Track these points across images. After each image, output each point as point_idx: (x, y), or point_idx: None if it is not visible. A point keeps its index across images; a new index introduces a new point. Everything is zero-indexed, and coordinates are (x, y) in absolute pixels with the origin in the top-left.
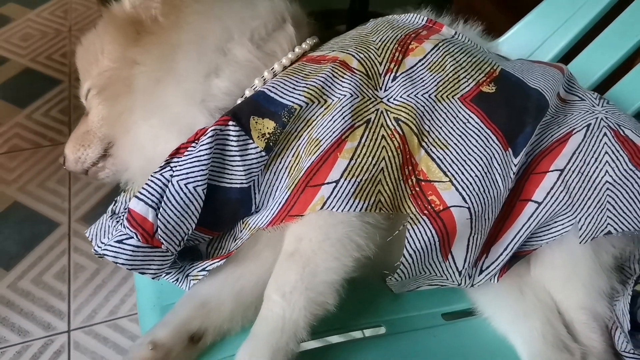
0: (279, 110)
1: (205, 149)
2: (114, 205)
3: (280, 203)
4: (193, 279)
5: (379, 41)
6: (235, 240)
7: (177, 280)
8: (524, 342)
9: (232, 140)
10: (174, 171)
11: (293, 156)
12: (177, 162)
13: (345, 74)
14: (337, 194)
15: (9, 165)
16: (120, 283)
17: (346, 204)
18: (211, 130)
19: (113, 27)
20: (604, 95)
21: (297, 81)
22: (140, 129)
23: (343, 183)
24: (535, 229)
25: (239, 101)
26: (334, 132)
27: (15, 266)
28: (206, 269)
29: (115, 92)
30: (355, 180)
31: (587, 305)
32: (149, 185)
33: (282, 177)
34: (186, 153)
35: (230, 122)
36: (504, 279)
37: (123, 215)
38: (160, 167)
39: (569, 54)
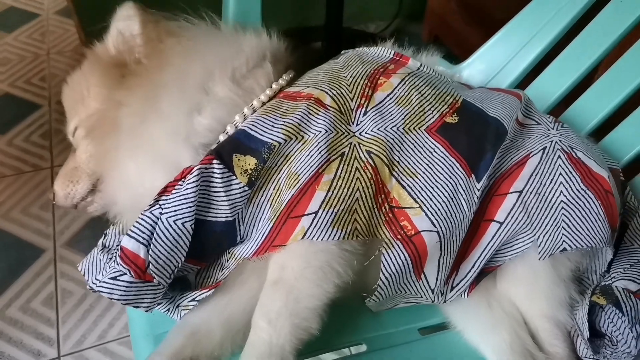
0: (259, 147)
1: (192, 187)
2: (104, 238)
3: (263, 234)
4: (183, 309)
5: (350, 77)
6: (223, 270)
7: (168, 310)
8: (493, 353)
9: (216, 178)
10: (162, 209)
11: (274, 189)
12: (166, 199)
13: (319, 110)
14: (316, 224)
15: None
16: (107, 307)
17: (325, 233)
18: (197, 169)
19: (98, 69)
20: (562, 115)
21: (275, 119)
22: (127, 166)
23: (322, 214)
24: (499, 246)
25: (221, 137)
26: (311, 166)
27: (2, 294)
28: (196, 299)
29: (103, 132)
30: (333, 210)
31: (548, 314)
32: (139, 223)
33: (264, 209)
34: (174, 191)
35: (215, 161)
36: (474, 294)
37: (116, 252)
38: (150, 205)
39: (528, 77)
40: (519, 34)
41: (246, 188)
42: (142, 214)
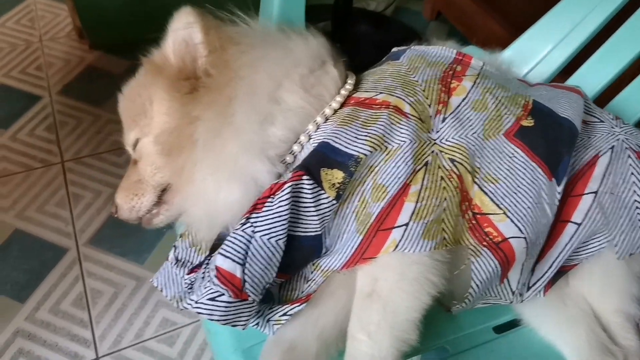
0: (345, 160)
1: (285, 204)
2: (175, 251)
3: (352, 247)
4: (276, 324)
5: (422, 82)
6: (308, 282)
7: (257, 324)
8: (572, 349)
9: (306, 193)
10: (254, 227)
11: (359, 201)
12: (257, 217)
13: (401, 120)
14: (407, 236)
15: (2, 191)
16: (140, 305)
17: (417, 245)
18: (288, 186)
19: (164, 81)
20: (606, 107)
21: (357, 130)
22: (204, 180)
23: (412, 225)
24: (577, 247)
25: (294, 146)
26: (399, 177)
27: (29, 297)
28: (287, 313)
29: (179, 147)
30: (423, 221)
31: (621, 309)
32: (233, 243)
33: (349, 221)
34: (264, 208)
35: (304, 177)
36: (548, 292)
37: (206, 272)
38: (241, 223)
39: (569, 67)
40: (562, 22)
41: (334, 202)
42: (234, 232)
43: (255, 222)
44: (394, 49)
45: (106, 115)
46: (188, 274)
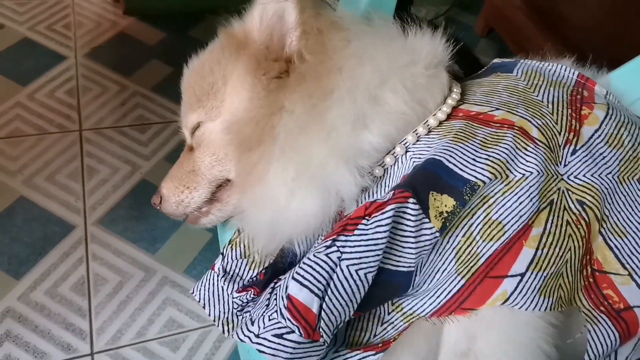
0: (459, 186)
1: (383, 230)
2: (223, 261)
3: (449, 291)
4: None
5: (548, 103)
6: (383, 325)
7: None
8: None
9: (409, 220)
10: (342, 253)
11: (464, 236)
12: (346, 242)
13: (528, 145)
14: (522, 289)
15: (11, 152)
16: (146, 300)
17: (532, 302)
18: (390, 209)
19: (248, 60)
20: None
21: (475, 150)
22: (279, 183)
23: (529, 277)
24: None
25: (387, 158)
26: (520, 216)
27: (26, 274)
28: None
29: (257, 140)
30: (542, 274)
31: None
32: (314, 269)
33: (447, 259)
34: (357, 231)
35: (411, 200)
36: None
37: (276, 299)
38: (325, 245)
39: None
40: None
41: (438, 234)
42: (316, 256)
43: (344, 246)
44: (497, 60)
45: (133, 87)
46: (238, 292)
